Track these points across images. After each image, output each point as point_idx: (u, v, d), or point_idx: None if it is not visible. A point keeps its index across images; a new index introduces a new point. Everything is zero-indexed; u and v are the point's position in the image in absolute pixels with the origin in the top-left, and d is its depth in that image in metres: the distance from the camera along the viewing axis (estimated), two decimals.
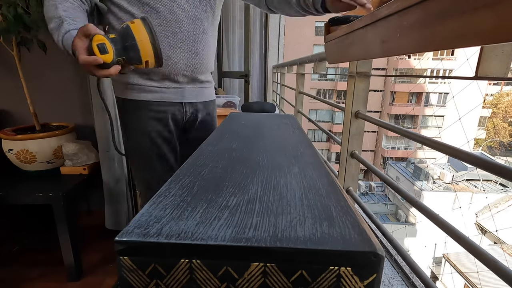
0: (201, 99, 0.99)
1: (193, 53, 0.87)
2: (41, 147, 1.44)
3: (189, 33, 0.85)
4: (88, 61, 0.63)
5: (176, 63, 0.86)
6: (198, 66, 0.90)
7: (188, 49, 0.86)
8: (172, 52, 0.84)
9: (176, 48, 0.84)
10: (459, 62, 17.06)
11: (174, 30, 0.83)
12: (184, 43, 0.85)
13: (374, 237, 0.26)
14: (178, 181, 0.37)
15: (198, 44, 0.88)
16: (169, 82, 0.89)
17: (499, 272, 0.37)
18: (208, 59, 0.94)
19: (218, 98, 2.14)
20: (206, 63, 0.93)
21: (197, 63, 0.90)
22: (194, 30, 0.86)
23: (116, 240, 0.24)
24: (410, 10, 0.30)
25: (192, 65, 0.89)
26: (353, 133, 0.89)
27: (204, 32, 0.89)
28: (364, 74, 0.84)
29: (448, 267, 8.28)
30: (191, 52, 0.87)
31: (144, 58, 0.68)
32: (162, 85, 0.88)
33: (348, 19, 0.56)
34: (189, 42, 0.86)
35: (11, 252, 1.61)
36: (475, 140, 18.68)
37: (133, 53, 0.67)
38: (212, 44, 0.96)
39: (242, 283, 0.25)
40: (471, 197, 10.51)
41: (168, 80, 0.88)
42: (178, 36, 0.84)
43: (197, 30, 0.86)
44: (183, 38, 0.84)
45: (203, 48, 0.89)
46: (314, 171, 0.42)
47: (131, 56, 0.67)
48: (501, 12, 0.19)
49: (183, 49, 0.85)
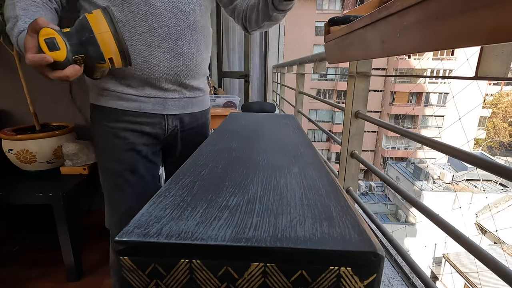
0: (188, 110, 0.85)
1: (176, 53, 0.74)
2: (41, 147, 1.44)
3: (170, 28, 0.71)
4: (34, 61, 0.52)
5: (156, 66, 0.72)
6: (182, 69, 0.76)
7: (170, 48, 0.72)
8: (150, 53, 0.71)
9: (154, 47, 0.71)
10: (459, 62, 17.07)
11: (152, 26, 0.69)
12: (164, 41, 0.71)
13: (374, 237, 0.26)
14: (178, 181, 0.37)
15: (182, 42, 0.74)
16: (150, 89, 0.75)
17: (499, 272, 0.37)
18: (197, 61, 0.79)
19: (218, 98, 2.14)
20: (193, 65, 0.78)
21: (181, 65, 0.75)
22: (176, 25, 0.72)
23: (116, 240, 0.24)
24: (410, 10, 0.30)
25: (175, 68, 0.75)
26: (353, 133, 0.89)
27: (190, 28, 0.75)
28: (364, 74, 0.84)
29: (448, 267, 8.28)
30: (173, 52, 0.73)
31: (107, 55, 0.57)
32: (141, 93, 0.75)
33: (348, 19, 0.56)
34: (170, 39, 0.72)
35: (11, 252, 1.61)
36: (475, 140, 18.68)
37: (92, 49, 0.56)
38: (203, 42, 0.80)
39: (242, 283, 0.25)
40: (471, 197, 10.52)
41: (149, 86, 0.75)
42: (156, 32, 0.70)
43: (180, 25, 0.73)
44: (162, 35, 0.71)
45: (189, 47, 0.75)
46: (314, 171, 0.42)
47: (90, 53, 0.56)
48: (501, 12, 0.19)
49: (163, 49, 0.71)
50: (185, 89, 0.81)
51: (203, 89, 0.88)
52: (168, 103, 0.79)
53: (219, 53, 3.14)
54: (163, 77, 0.74)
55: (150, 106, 0.77)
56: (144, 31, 0.69)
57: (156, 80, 0.74)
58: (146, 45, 0.70)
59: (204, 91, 0.89)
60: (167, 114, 0.80)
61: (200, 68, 0.81)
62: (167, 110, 0.80)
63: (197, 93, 0.86)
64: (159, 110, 0.78)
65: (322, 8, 19.07)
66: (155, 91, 0.76)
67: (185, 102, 0.83)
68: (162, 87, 0.76)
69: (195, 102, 0.86)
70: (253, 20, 0.81)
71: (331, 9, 19.15)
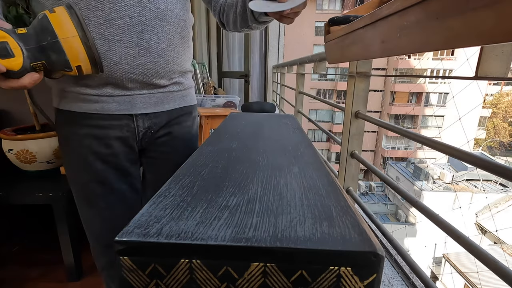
0: (164, 107, 0.71)
1: (142, 49, 0.61)
2: (41, 147, 1.44)
3: (132, 19, 0.59)
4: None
5: (116, 64, 0.60)
6: (150, 67, 0.64)
7: (133, 42, 0.60)
8: (109, 48, 0.59)
9: (113, 41, 0.58)
10: (459, 62, 17.07)
11: (109, 15, 0.57)
12: (126, 34, 0.59)
13: (374, 237, 0.26)
14: (178, 181, 0.37)
15: (149, 35, 0.61)
16: (111, 88, 0.63)
17: (499, 272, 0.37)
18: (170, 57, 0.67)
19: (218, 98, 2.14)
20: (164, 63, 0.66)
21: (148, 62, 0.63)
22: (141, 14, 0.60)
23: (116, 240, 0.24)
24: (410, 10, 0.30)
25: (141, 66, 0.62)
26: (353, 133, 0.89)
27: (159, 18, 0.62)
28: (364, 74, 0.84)
29: (448, 267, 8.28)
30: (138, 47, 0.61)
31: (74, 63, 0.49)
32: (102, 93, 0.63)
33: (348, 19, 0.56)
34: (133, 32, 0.60)
35: (11, 252, 1.61)
36: (475, 140, 18.69)
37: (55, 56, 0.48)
38: (177, 35, 0.67)
39: (242, 283, 0.25)
40: (471, 197, 10.52)
41: (110, 86, 0.63)
42: (115, 24, 0.58)
43: (146, 14, 0.60)
44: (124, 26, 0.58)
45: (158, 41, 0.63)
46: (314, 171, 0.42)
47: (53, 60, 0.48)
48: (501, 12, 0.19)
49: (124, 43, 0.59)
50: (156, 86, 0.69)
51: (182, 83, 0.74)
52: (136, 101, 0.66)
53: (219, 53, 3.14)
54: (126, 76, 0.62)
55: (114, 106, 0.65)
56: (100, 22, 0.57)
57: (117, 80, 0.62)
58: (103, 39, 0.58)
59: (184, 84, 0.75)
60: (136, 113, 0.67)
61: (175, 65, 0.69)
62: (135, 109, 0.67)
63: (174, 87, 0.72)
64: (126, 109, 0.66)
65: (322, 8, 19.08)
66: (118, 90, 0.64)
67: (158, 98, 0.70)
68: (126, 86, 0.64)
69: (173, 97, 0.72)
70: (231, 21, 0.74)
71: (331, 9, 19.16)
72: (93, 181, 0.67)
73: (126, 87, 0.64)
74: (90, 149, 0.66)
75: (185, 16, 0.69)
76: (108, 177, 0.68)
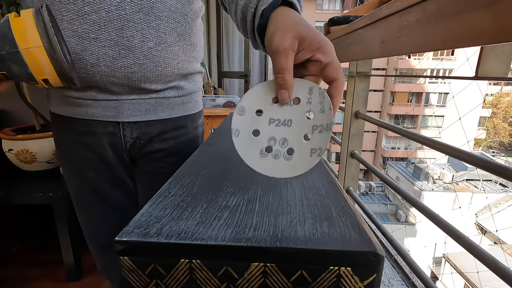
0: (158, 115, 0.61)
1: (123, 48, 0.51)
2: (41, 147, 1.44)
3: (110, 13, 0.49)
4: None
5: (94, 66, 0.51)
6: (135, 70, 0.53)
7: (112, 41, 0.50)
8: (84, 47, 0.50)
9: (88, 39, 0.49)
10: (459, 62, 17.07)
11: (82, 10, 0.48)
12: (102, 31, 0.49)
13: (374, 237, 0.26)
14: (178, 181, 0.37)
15: (131, 32, 0.51)
16: (96, 91, 0.56)
17: (499, 272, 0.37)
18: (161, 58, 0.55)
19: (218, 98, 2.14)
20: (153, 65, 0.55)
21: (132, 64, 0.53)
22: (120, 8, 0.49)
23: (116, 240, 0.24)
24: (410, 10, 0.30)
25: (124, 69, 0.53)
26: (353, 133, 0.89)
27: (143, 11, 0.51)
28: (364, 74, 0.84)
29: (448, 267, 8.28)
30: (118, 46, 0.51)
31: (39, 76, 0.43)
32: (86, 96, 0.56)
33: (348, 19, 0.56)
34: (111, 29, 0.50)
35: (11, 252, 1.61)
36: (475, 140, 18.69)
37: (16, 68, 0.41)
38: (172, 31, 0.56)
39: (242, 283, 0.25)
40: (471, 197, 10.52)
41: (95, 88, 0.55)
42: (89, 19, 0.48)
43: (126, 8, 0.50)
44: (99, 22, 0.49)
45: (143, 39, 0.52)
46: (314, 171, 0.42)
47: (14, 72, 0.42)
48: (501, 12, 0.19)
49: (102, 42, 0.50)
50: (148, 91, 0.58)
51: (183, 87, 0.63)
52: (123, 107, 0.58)
53: (219, 53, 3.14)
54: (107, 80, 0.53)
55: (99, 111, 0.57)
56: (73, 17, 0.48)
57: (99, 83, 0.54)
58: (77, 37, 0.49)
59: (185, 89, 0.64)
60: (123, 121, 0.59)
61: (169, 68, 0.57)
62: (122, 116, 0.58)
63: (171, 92, 0.61)
64: (111, 116, 0.58)
65: (322, 8, 19.08)
66: (103, 94, 0.56)
67: (150, 105, 0.60)
68: (111, 90, 0.56)
69: (169, 104, 0.62)
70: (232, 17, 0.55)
71: (331, 9, 19.16)
72: (86, 188, 0.63)
73: (111, 91, 0.56)
74: (81, 156, 0.60)
75: (184, 9, 0.56)
76: (101, 185, 0.63)
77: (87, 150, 0.60)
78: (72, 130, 0.59)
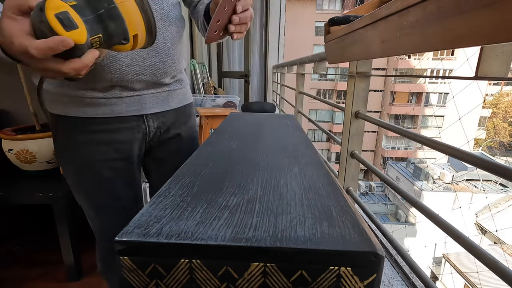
0: (170, 105, 0.72)
1: (151, 49, 0.62)
2: (41, 147, 1.44)
3: None
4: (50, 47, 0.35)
5: (128, 66, 0.60)
6: (159, 67, 0.65)
7: None
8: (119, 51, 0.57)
9: None
10: (459, 62, 17.08)
11: None
12: None
13: (374, 237, 0.26)
14: (178, 181, 0.37)
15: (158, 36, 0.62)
16: (119, 90, 0.63)
17: (499, 272, 0.37)
18: (174, 55, 0.68)
19: (218, 98, 2.14)
20: (171, 61, 0.67)
21: (158, 62, 0.64)
22: None
23: (116, 240, 0.24)
24: (410, 10, 0.30)
25: (151, 67, 0.63)
26: (353, 133, 0.89)
27: (163, 19, 0.63)
28: (364, 74, 0.84)
29: (448, 267, 8.28)
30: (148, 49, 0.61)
31: (132, 31, 0.43)
32: (110, 95, 0.62)
33: (348, 19, 0.56)
34: None
35: (11, 252, 1.61)
36: (475, 140, 18.69)
37: (114, 26, 0.41)
38: (178, 34, 0.69)
39: (242, 283, 0.25)
40: (471, 197, 10.52)
41: (118, 87, 0.62)
42: None
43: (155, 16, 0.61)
44: None
45: (164, 41, 0.64)
46: (314, 171, 0.42)
47: (111, 31, 0.41)
48: (501, 12, 0.19)
49: None
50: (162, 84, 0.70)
51: (182, 80, 0.76)
52: (145, 100, 0.66)
53: (219, 53, 3.14)
54: (137, 78, 0.62)
55: (124, 108, 0.64)
56: None
57: (128, 82, 0.62)
58: None
59: (183, 81, 0.76)
60: (146, 113, 0.67)
61: (178, 64, 0.70)
62: (145, 109, 0.66)
63: (176, 85, 0.73)
64: (136, 110, 0.65)
65: (322, 8, 19.08)
66: (126, 92, 0.64)
67: (164, 97, 0.70)
68: (134, 87, 0.64)
69: (176, 95, 0.74)
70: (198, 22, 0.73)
71: (331, 9, 19.16)
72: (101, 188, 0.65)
73: (132, 88, 0.64)
74: (96, 156, 0.63)
75: (181, 18, 0.71)
76: (116, 185, 0.67)
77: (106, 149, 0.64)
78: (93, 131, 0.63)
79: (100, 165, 0.64)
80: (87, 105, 0.61)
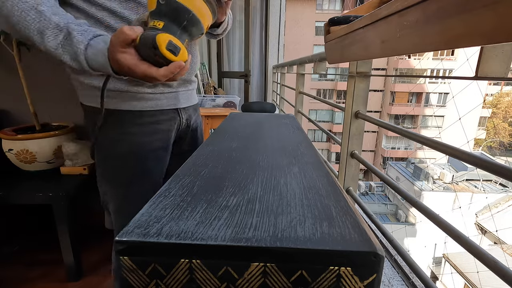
0: (191, 101, 0.86)
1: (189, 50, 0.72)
2: (41, 147, 1.44)
3: None
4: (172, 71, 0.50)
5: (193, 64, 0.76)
6: (194, 68, 0.80)
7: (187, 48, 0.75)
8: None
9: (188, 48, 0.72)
10: (459, 62, 17.06)
11: None
12: None
13: (374, 237, 0.26)
14: (178, 181, 0.37)
15: None
16: (162, 87, 0.74)
17: (499, 272, 0.37)
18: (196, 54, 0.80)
19: (218, 98, 2.14)
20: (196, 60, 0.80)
21: (194, 64, 0.79)
22: None
23: (116, 240, 0.24)
24: (410, 10, 0.30)
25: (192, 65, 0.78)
26: (353, 133, 0.89)
27: None
28: (364, 74, 0.84)
29: (448, 267, 8.28)
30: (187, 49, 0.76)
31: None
32: (156, 91, 0.72)
33: (348, 19, 0.56)
34: None
35: (11, 252, 1.60)
36: (475, 140, 18.68)
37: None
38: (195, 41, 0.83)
39: (242, 283, 0.25)
40: (471, 197, 10.51)
41: (161, 85, 0.73)
42: None
43: None
44: None
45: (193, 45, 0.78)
46: (314, 171, 0.42)
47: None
48: (501, 12, 0.19)
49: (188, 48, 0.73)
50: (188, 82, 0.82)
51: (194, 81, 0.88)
52: (179, 97, 0.79)
53: (219, 53, 3.14)
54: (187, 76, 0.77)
55: (165, 102, 0.76)
56: None
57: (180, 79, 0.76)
58: None
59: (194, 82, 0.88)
60: (180, 107, 0.80)
61: (197, 62, 0.83)
62: (180, 104, 0.80)
63: (194, 85, 0.87)
64: (173, 104, 0.78)
65: (322, 8, 19.07)
66: (167, 88, 0.75)
67: (189, 95, 0.84)
68: (172, 85, 0.76)
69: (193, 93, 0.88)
70: None
71: (331, 9, 19.15)
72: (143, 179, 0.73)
73: (172, 85, 0.75)
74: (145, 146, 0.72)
75: None
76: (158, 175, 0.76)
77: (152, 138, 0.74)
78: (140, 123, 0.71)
79: (146, 154, 0.73)
80: (137, 99, 0.70)
